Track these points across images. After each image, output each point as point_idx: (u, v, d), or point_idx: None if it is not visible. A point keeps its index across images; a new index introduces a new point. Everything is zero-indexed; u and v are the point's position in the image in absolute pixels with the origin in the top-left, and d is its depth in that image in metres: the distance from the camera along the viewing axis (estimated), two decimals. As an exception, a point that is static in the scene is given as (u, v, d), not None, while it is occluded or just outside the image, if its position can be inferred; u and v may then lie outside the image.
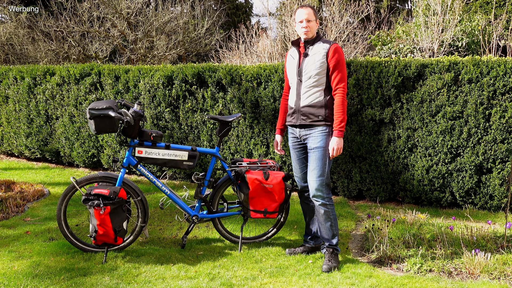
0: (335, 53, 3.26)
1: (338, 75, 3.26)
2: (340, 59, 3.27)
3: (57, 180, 6.13)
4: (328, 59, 3.27)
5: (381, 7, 16.73)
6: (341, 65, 3.27)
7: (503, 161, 4.55)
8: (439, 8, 7.36)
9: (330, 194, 3.34)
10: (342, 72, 3.27)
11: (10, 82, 7.22)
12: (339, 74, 3.26)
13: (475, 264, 3.16)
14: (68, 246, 3.57)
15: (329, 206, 3.32)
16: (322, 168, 3.27)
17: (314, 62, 3.29)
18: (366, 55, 9.14)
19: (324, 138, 3.28)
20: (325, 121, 3.28)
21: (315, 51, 3.32)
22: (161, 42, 11.32)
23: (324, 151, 3.27)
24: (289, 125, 3.52)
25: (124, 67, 6.29)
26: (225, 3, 17.93)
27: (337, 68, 3.26)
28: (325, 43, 3.33)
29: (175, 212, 4.69)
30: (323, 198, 3.30)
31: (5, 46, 11.98)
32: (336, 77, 3.27)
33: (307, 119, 3.32)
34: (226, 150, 5.74)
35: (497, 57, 4.83)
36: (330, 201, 3.33)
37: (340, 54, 3.28)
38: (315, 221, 3.58)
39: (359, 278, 3.08)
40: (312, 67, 3.29)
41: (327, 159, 3.28)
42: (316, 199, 3.31)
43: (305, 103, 3.32)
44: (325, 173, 3.28)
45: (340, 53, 3.28)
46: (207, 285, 2.98)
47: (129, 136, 3.43)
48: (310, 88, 3.31)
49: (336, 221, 3.38)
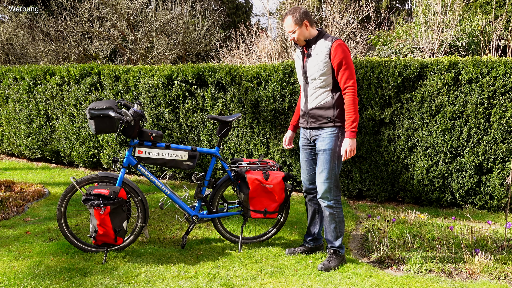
0: (337, 51, 3.10)
1: (345, 73, 3.11)
2: (344, 56, 3.10)
3: (57, 180, 6.13)
4: (331, 58, 3.12)
5: (381, 7, 16.73)
6: (347, 62, 3.10)
7: (503, 161, 4.55)
8: (439, 8, 7.36)
9: (338, 197, 3.29)
10: (349, 69, 3.11)
11: (10, 82, 7.22)
12: (346, 71, 3.10)
13: (475, 264, 3.16)
14: (68, 246, 3.57)
15: (336, 209, 3.29)
16: (330, 170, 3.21)
17: (317, 63, 3.17)
18: (366, 55, 9.14)
19: (333, 140, 3.20)
20: (333, 122, 3.19)
21: (317, 50, 3.19)
22: (161, 42, 11.31)
23: (333, 153, 3.20)
24: (301, 126, 3.49)
25: (124, 67, 6.29)
26: (225, 3, 17.93)
27: (342, 66, 3.10)
28: (327, 41, 3.17)
29: (175, 212, 4.69)
30: (329, 200, 3.26)
31: (5, 46, 11.98)
32: (343, 76, 3.12)
33: (316, 121, 3.25)
34: (226, 150, 5.74)
35: (497, 57, 4.83)
36: (337, 204, 3.29)
37: (344, 51, 3.11)
38: (317, 223, 3.56)
39: (359, 278, 3.08)
40: (316, 68, 3.18)
41: (335, 162, 3.21)
42: (323, 201, 3.29)
43: (312, 105, 3.25)
44: (333, 175, 3.22)
45: (343, 49, 3.11)
46: (207, 285, 2.98)
47: (129, 136, 3.43)
48: (317, 90, 3.22)
49: (342, 224, 3.34)
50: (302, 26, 3.19)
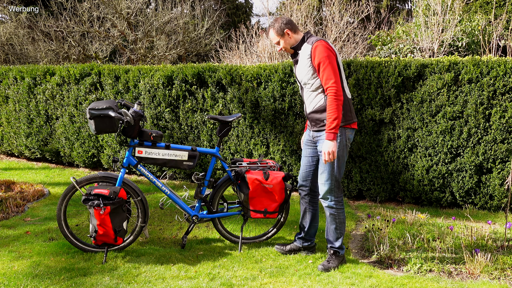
0: (315, 52, 3.10)
1: (324, 73, 3.08)
2: (323, 56, 3.07)
3: (57, 180, 6.13)
4: (312, 61, 3.14)
5: (381, 7, 16.74)
6: (326, 62, 3.07)
7: (503, 161, 4.55)
8: (439, 8, 7.36)
9: (339, 198, 3.28)
10: (328, 68, 3.07)
11: (10, 82, 7.22)
12: (325, 71, 3.07)
13: (475, 264, 3.17)
14: (68, 246, 3.57)
15: (336, 210, 3.28)
16: (329, 172, 3.21)
17: (303, 68, 3.22)
18: (366, 55, 9.14)
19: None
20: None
21: (301, 55, 3.23)
22: (161, 42, 11.31)
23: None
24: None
25: (124, 67, 6.29)
26: (225, 3, 17.93)
27: (321, 66, 3.08)
28: (309, 44, 3.18)
29: (175, 212, 4.69)
30: (330, 201, 3.26)
31: (5, 46, 11.98)
32: (323, 76, 3.09)
33: (316, 125, 3.27)
34: (226, 150, 5.74)
35: (497, 57, 4.83)
36: (338, 205, 3.28)
37: (322, 51, 3.08)
38: (307, 221, 3.56)
39: (359, 278, 3.08)
40: (303, 73, 3.23)
41: (335, 163, 3.20)
42: (323, 201, 3.30)
43: (310, 110, 3.28)
44: (333, 176, 3.21)
45: (321, 49, 3.09)
46: (207, 285, 2.98)
47: (129, 136, 3.43)
48: (311, 93, 3.25)
49: (343, 225, 3.33)
50: (284, 35, 3.24)
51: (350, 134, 3.27)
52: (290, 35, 3.24)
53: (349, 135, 3.25)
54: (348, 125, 3.23)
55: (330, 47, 3.14)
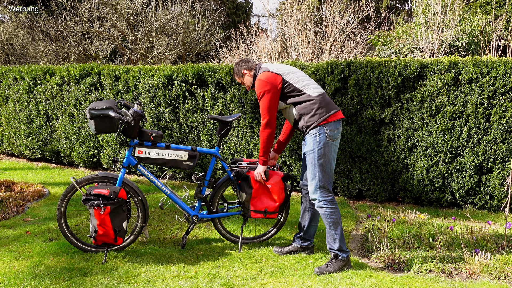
0: (256, 88, 3.32)
1: (260, 109, 3.31)
2: (258, 92, 3.29)
3: (57, 180, 6.13)
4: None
5: (381, 7, 16.74)
6: (260, 98, 3.28)
7: (503, 161, 4.55)
8: (439, 8, 7.36)
9: (327, 197, 3.24)
10: (262, 103, 3.28)
11: (10, 82, 7.22)
12: (260, 107, 3.30)
13: (475, 264, 3.16)
14: (68, 246, 3.57)
15: (326, 209, 3.24)
16: (313, 171, 3.25)
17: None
18: (366, 55, 9.14)
19: (312, 142, 3.24)
20: (308, 127, 3.26)
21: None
22: (161, 42, 11.32)
23: (313, 154, 3.24)
24: None
25: (124, 67, 6.29)
26: (225, 3, 17.93)
27: (259, 101, 3.31)
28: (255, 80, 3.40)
29: (175, 212, 4.69)
30: (318, 201, 3.26)
31: (5, 46, 11.99)
32: (260, 111, 3.32)
33: (302, 132, 3.40)
34: (226, 150, 5.74)
35: (497, 57, 4.84)
36: (327, 204, 3.23)
37: (258, 87, 3.29)
38: (306, 220, 3.56)
39: (359, 278, 3.08)
40: None
41: (317, 163, 3.22)
42: (314, 201, 3.32)
43: (292, 123, 3.43)
44: (317, 176, 3.23)
45: (258, 85, 3.29)
46: (207, 285, 2.98)
47: (129, 136, 3.43)
48: (285, 111, 3.41)
49: (337, 226, 3.25)
50: (243, 76, 3.51)
51: (331, 128, 3.23)
52: (249, 74, 3.49)
53: (330, 130, 3.22)
54: (325, 121, 3.21)
55: (268, 79, 3.28)
